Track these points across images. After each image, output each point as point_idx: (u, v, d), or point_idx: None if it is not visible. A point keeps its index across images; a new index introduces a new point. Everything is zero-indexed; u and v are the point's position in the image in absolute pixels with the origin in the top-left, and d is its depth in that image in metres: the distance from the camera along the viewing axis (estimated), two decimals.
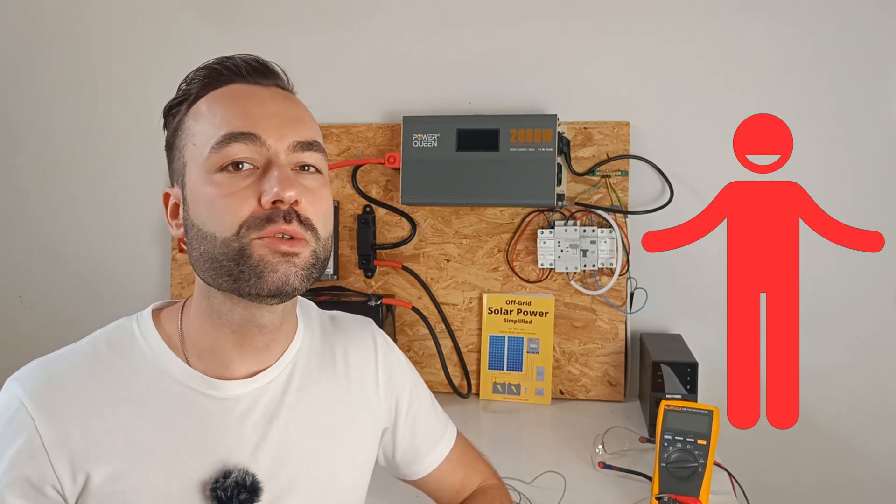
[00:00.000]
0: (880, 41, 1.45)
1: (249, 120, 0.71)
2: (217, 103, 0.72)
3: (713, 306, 1.48)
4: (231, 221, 0.68)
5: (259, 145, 0.70)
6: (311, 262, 0.71)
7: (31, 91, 1.79)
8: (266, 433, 0.75)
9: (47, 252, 1.81)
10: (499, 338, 1.57)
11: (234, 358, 0.74)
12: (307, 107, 0.77)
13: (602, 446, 1.26)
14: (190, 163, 0.72)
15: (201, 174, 0.70)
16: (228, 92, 0.73)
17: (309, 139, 0.73)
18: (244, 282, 0.68)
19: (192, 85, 0.74)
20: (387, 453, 0.90)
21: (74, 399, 0.69)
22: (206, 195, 0.69)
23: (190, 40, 1.68)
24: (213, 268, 0.70)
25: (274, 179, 0.68)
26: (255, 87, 0.74)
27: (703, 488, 1.01)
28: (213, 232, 0.69)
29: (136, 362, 0.73)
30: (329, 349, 0.84)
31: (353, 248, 1.61)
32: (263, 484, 0.73)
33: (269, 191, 0.68)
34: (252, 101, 0.72)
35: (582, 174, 1.52)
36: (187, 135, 0.72)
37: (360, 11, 1.62)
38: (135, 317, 0.77)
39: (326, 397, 0.81)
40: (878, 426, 1.51)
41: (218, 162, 0.69)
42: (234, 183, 0.69)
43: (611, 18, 1.53)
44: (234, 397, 0.74)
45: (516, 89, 1.57)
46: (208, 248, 0.69)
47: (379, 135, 1.61)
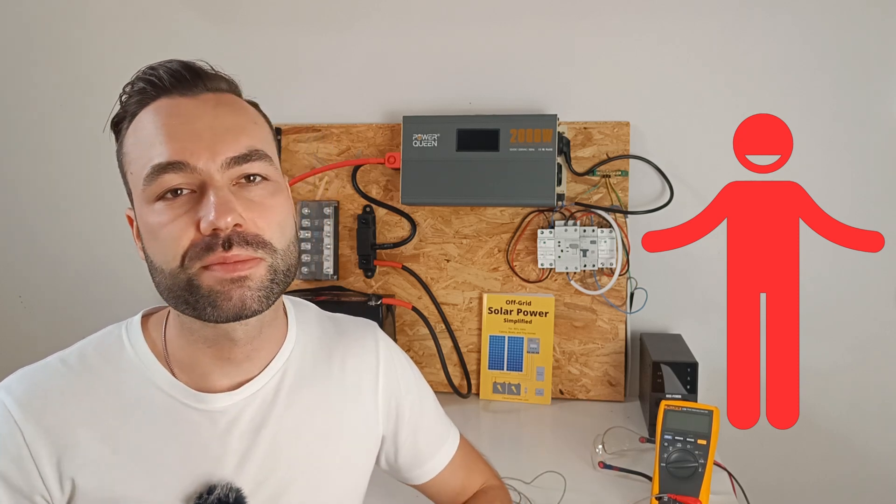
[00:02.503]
0: (880, 41, 1.44)
1: (175, 145, 0.66)
2: (145, 127, 0.68)
3: (713, 306, 1.48)
4: (174, 252, 0.66)
5: (189, 171, 0.66)
6: (270, 277, 0.68)
7: (32, 91, 1.78)
8: (253, 443, 0.74)
9: (47, 252, 1.81)
10: (499, 338, 1.57)
11: (213, 371, 0.73)
12: (249, 102, 0.74)
13: (602, 446, 1.26)
14: (133, 190, 0.70)
15: (142, 204, 0.68)
16: (155, 111, 0.69)
17: (245, 150, 0.68)
18: (201, 310, 0.66)
19: (129, 99, 0.71)
20: (389, 458, 0.89)
21: (61, 408, 0.69)
22: (150, 225, 0.67)
23: (190, 40, 1.68)
24: (170, 297, 0.68)
25: (210, 205, 0.65)
26: (182, 100, 0.69)
27: (703, 488, 1.01)
28: (160, 264, 0.67)
29: (124, 371, 0.72)
30: (326, 352, 0.82)
31: (353, 248, 1.61)
32: (250, 496, 0.72)
33: (204, 219, 0.65)
34: (179, 119, 0.68)
35: (582, 174, 1.52)
36: (127, 161, 0.70)
37: (360, 11, 1.62)
38: (124, 324, 0.76)
39: (319, 402, 0.79)
40: (878, 426, 1.51)
41: (154, 193, 0.66)
42: (173, 210, 0.66)
43: (611, 18, 1.53)
44: (221, 409, 0.73)
45: (516, 89, 1.57)
46: (160, 279, 0.68)
47: (379, 135, 1.61)
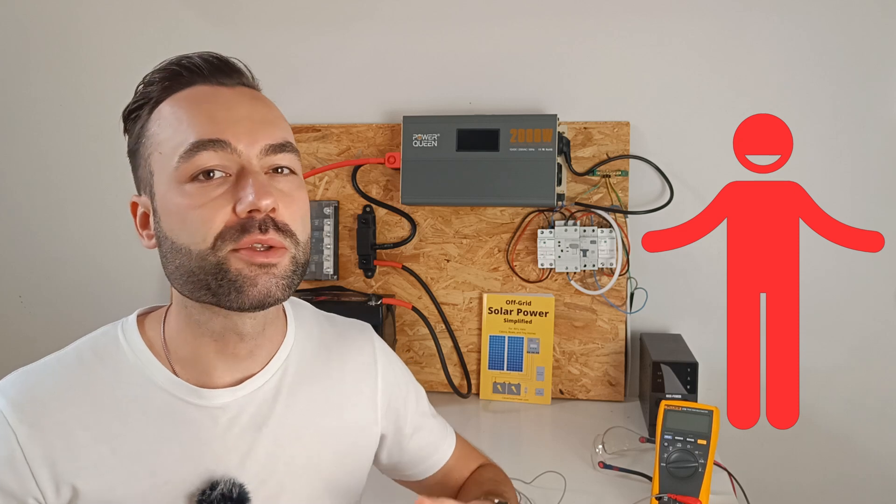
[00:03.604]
0: (880, 41, 1.44)
1: (217, 126, 0.67)
2: (181, 108, 0.68)
3: (713, 306, 1.48)
4: (205, 233, 0.65)
5: (230, 152, 0.66)
6: (292, 269, 0.69)
7: (32, 91, 1.78)
8: (255, 440, 0.74)
9: (48, 253, 1.81)
10: (499, 338, 1.57)
11: (216, 366, 0.72)
12: (275, 104, 0.74)
13: (602, 446, 1.26)
14: (158, 172, 0.68)
15: (171, 184, 0.67)
16: (192, 95, 0.69)
17: (281, 140, 0.70)
18: (223, 296, 0.66)
19: (150, 87, 0.70)
20: (392, 456, 0.89)
21: (57, 410, 0.68)
22: (178, 206, 0.66)
23: (190, 40, 1.68)
24: (190, 281, 0.67)
25: (249, 187, 0.65)
26: (220, 89, 0.70)
27: (703, 488, 1.01)
28: (188, 245, 0.66)
29: (121, 370, 0.71)
30: (325, 352, 0.82)
31: (353, 248, 1.61)
32: (252, 493, 0.72)
33: (244, 199, 0.65)
34: (218, 104, 0.68)
35: (582, 174, 1.52)
36: (152, 143, 0.69)
37: (360, 11, 1.62)
38: (119, 323, 0.75)
39: (320, 401, 0.80)
40: (878, 426, 1.51)
41: (188, 172, 0.66)
42: (207, 193, 0.66)
43: (611, 18, 1.53)
44: (222, 405, 0.72)
45: (516, 89, 1.57)
46: (183, 261, 0.67)
47: (379, 135, 1.61)
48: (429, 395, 0.95)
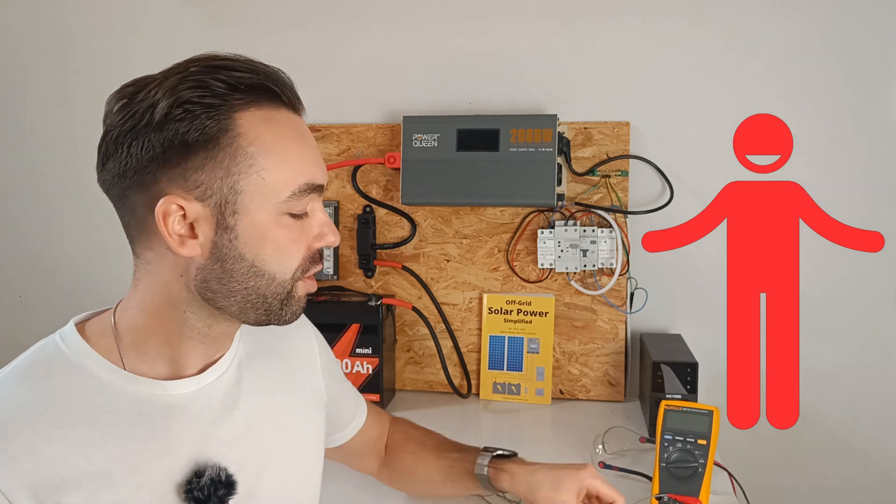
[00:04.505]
0: (880, 41, 1.44)
1: (319, 169, 0.73)
2: (286, 139, 0.70)
3: (713, 306, 1.48)
4: (294, 265, 0.72)
5: (320, 194, 0.73)
6: None
7: (32, 90, 1.78)
8: (228, 424, 0.76)
9: (48, 252, 1.81)
10: (499, 338, 1.57)
11: (191, 360, 0.75)
12: None
13: (602, 446, 1.26)
14: (256, 196, 0.68)
15: (272, 214, 0.69)
16: (288, 123, 0.71)
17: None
18: (278, 316, 0.72)
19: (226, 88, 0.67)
20: (331, 418, 0.96)
21: (18, 432, 0.65)
22: (277, 236, 0.70)
23: (190, 41, 1.68)
24: (254, 302, 0.71)
25: (327, 227, 0.73)
26: (298, 119, 0.74)
27: (703, 488, 1.01)
28: (274, 272, 0.71)
29: (72, 379, 0.70)
30: (267, 331, 0.84)
31: (353, 248, 1.61)
32: (236, 476, 0.74)
33: (326, 238, 0.73)
34: (307, 141, 0.73)
35: (582, 174, 1.52)
36: (249, 163, 0.67)
37: (359, 11, 1.62)
38: (56, 335, 0.74)
39: (280, 378, 0.84)
40: (878, 426, 1.51)
41: (294, 208, 0.70)
42: (304, 230, 0.72)
43: (611, 18, 1.53)
44: (191, 393, 0.74)
45: (516, 89, 1.57)
46: (260, 284, 0.71)
47: (379, 135, 1.61)
48: (429, 395, 0.97)
